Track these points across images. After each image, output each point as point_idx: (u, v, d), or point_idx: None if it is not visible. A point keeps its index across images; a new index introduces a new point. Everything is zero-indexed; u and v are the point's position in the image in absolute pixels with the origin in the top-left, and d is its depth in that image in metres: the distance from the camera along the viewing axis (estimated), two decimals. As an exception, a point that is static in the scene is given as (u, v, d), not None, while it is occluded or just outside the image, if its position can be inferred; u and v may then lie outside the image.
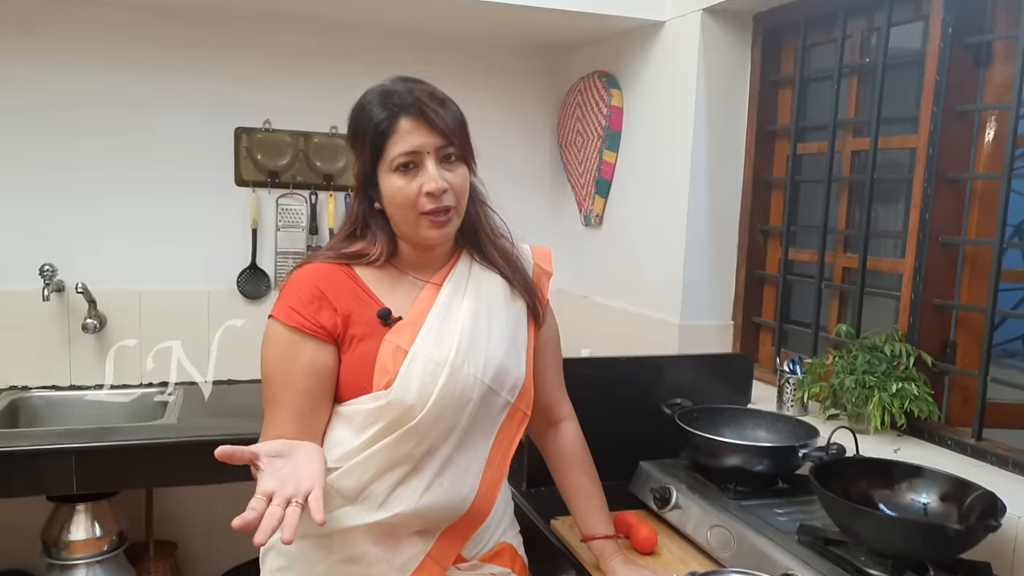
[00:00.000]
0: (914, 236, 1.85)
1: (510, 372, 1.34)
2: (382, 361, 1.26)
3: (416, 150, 1.24)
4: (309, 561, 1.30)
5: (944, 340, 1.86)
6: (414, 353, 1.26)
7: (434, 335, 1.29)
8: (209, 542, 2.75)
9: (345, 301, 1.28)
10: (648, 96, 2.52)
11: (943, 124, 1.79)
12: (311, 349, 1.25)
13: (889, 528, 1.27)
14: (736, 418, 1.82)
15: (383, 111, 1.25)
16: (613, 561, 1.42)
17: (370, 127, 1.26)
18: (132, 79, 2.57)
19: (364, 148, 1.27)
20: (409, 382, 1.24)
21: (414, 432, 1.25)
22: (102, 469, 2.09)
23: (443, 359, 1.27)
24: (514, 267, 1.41)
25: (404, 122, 1.23)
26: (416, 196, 1.25)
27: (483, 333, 1.32)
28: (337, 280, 1.29)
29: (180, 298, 2.68)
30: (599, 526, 1.46)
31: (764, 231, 2.38)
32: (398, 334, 1.28)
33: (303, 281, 1.28)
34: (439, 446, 1.28)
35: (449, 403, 1.27)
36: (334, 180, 2.77)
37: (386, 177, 1.26)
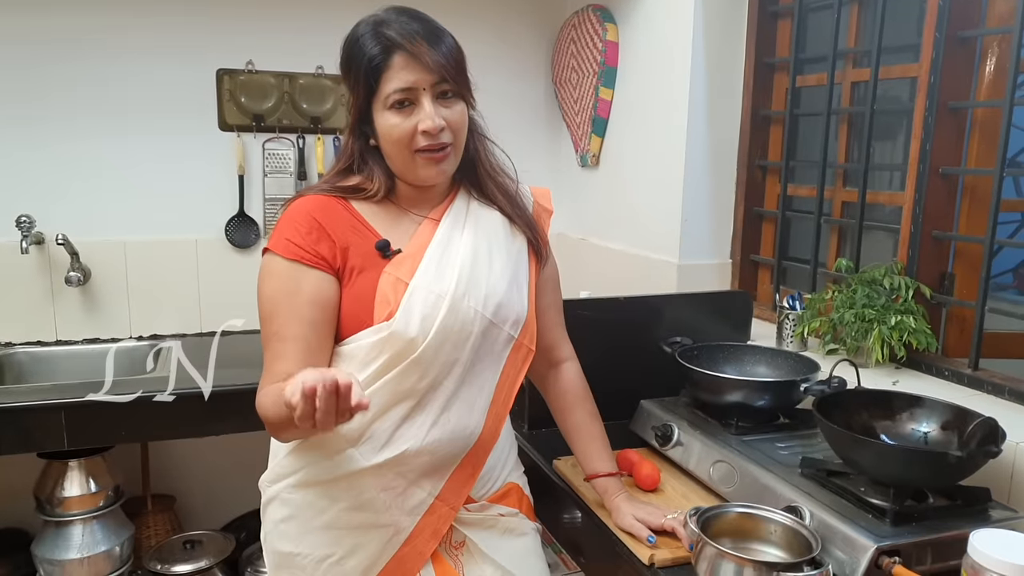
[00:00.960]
0: (914, 168, 1.82)
1: (512, 307, 1.32)
2: (382, 293, 1.24)
3: (411, 87, 1.20)
4: (314, 510, 1.28)
5: (942, 272, 1.85)
6: (415, 285, 1.24)
7: (434, 268, 1.27)
8: (208, 494, 2.76)
9: (343, 233, 1.25)
10: (644, 30, 2.45)
11: (945, 51, 1.74)
12: (314, 279, 1.22)
13: (891, 457, 1.27)
14: (736, 355, 1.81)
15: (376, 45, 1.20)
16: (617, 498, 1.42)
17: (363, 62, 1.21)
18: (106, 21, 2.47)
19: (358, 84, 1.23)
20: (410, 314, 1.22)
21: (416, 365, 1.23)
22: (94, 424, 2.06)
23: (443, 292, 1.25)
24: (514, 203, 1.38)
25: (398, 58, 1.19)
26: (412, 134, 1.22)
27: (483, 268, 1.30)
28: (334, 211, 1.26)
29: (167, 248, 2.63)
30: (602, 464, 1.45)
31: (763, 167, 2.34)
32: (398, 266, 1.26)
33: (299, 212, 1.25)
34: (443, 380, 1.26)
35: (450, 336, 1.25)
36: (322, 123, 2.70)
37: (381, 114, 1.23)
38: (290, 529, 1.30)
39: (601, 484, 1.45)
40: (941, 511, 1.25)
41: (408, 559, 1.29)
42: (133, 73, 2.52)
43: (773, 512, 1.26)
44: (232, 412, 2.15)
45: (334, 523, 1.28)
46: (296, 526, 1.30)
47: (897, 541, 1.17)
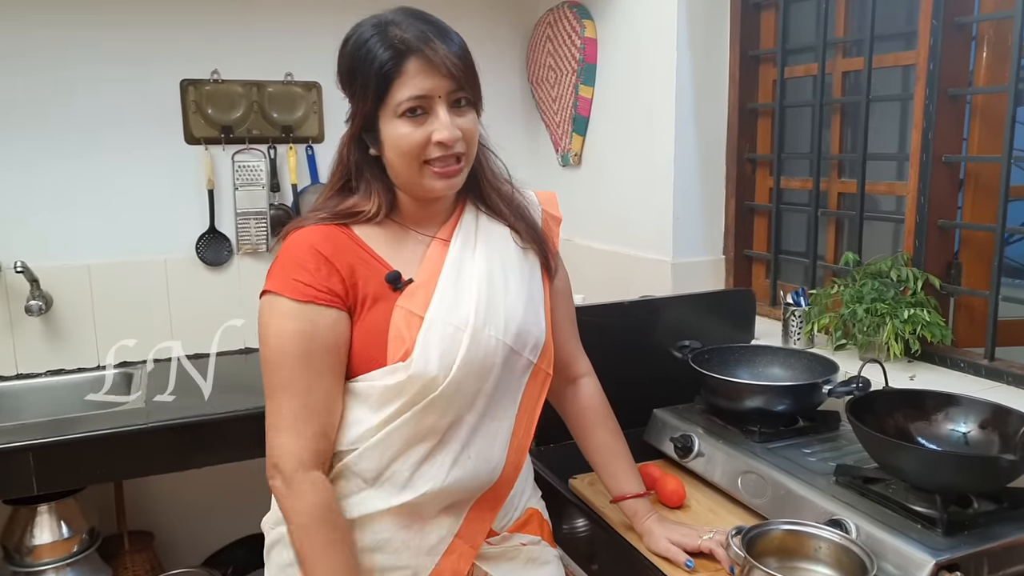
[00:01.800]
0: (916, 157, 1.79)
1: (531, 331, 1.23)
2: (396, 329, 1.14)
3: (426, 94, 1.10)
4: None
5: (948, 261, 1.83)
6: (431, 319, 1.14)
7: (450, 298, 1.17)
8: (188, 528, 2.62)
9: (349, 265, 1.14)
10: (623, 25, 2.38)
11: (943, 38, 1.71)
12: (330, 321, 1.12)
13: (938, 463, 1.22)
14: (747, 356, 1.75)
15: (386, 49, 1.10)
16: (648, 521, 1.35)
17: (372, 68, 1.10)
18: (60, 31, 2.32)
19: (365, 90, 1.12)
20: (428, 351, 1.12)
21: (437, 403, 1.14)
22: (65, 465, 1.91)
23: (462, 323, 1.15)
24: (520, 215, 1.29)
25: (412, 63, 1.09)
26: (424, 144, 1.12)
27: (500, 291, 1.20)
28: (338, 242, 1.15)
29: (134, 270, 2.48)
30: (629, 484, 1.38)
31: (752, 160, 2.29)
32: (410, 298, 1.16)
33: (302, 248, 1.14)
34: (464, 415, 1.17)
35: (472, 369, 1.15)
36: (293, 132, 2.58)
37: (390, 123, 1.12)
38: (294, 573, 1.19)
39: (630, 506, 1.37)
40: (990, 517, 1.20)
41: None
42: (91, 85, 2.37)
43: (819, 528, 1.20)
44: (208, 443, 2.03)
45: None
46: None
47: (955, 554, 1.11)
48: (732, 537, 1.19)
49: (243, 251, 2.58)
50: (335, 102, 2.61)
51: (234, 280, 2.59)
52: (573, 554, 1.59)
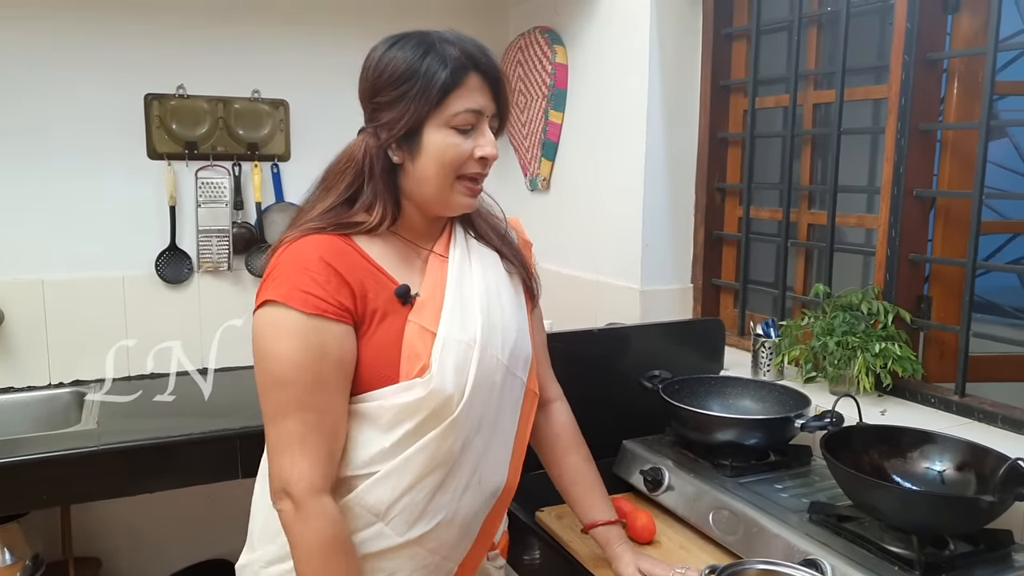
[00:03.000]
0: (887, 190, 1.79)
1: (523, 349, 1.22)
2: (410, 345, 1.10)
3: (480, 110, 1.11)
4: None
5: (918, 295, 1.83)
6: (444, 335, 1.10)
7: (459, 314, 1.14)
8: (135, 555, 2.51)
9: (359, 278, 1.09)
10: (595, 52, 2.38)
11: (915, 73, 1.72)
12: (339, 337, 1.07)
13: (916, 503, 1.20)
14: (717, 388, 1.74)
15: (450, 60, 1.09)
16: (619, 548, 1.31)
17: (432, 74, 1.08)
18: (21, 40, 2.26)
19: (420, 96, 1.08)
20: (445, 368, 1.09)
21: (454, 427, 1.10)
22: (10, 488, 1.81)
23: (471, 340, 1.12)
24: (506, 241, 1.28)
25: (473, 78, 1.10)
26: (467, 158, 1.11)
27: (497, 310, 1.18)
28: (345, 254, 1.10)
29: (91, 286, 2.41)
30: (601, 513, 1.34)
31: (721, 189, 2.29)
32: (419, 313, 1.12)
33: (309, 258, 1.07)
34: (473, 439, 1.13)
35: (482, 389, 1.12)
36: (259, 149, 2.53)
37: (437, 131, 1.10)
38: None
39: (602, 534, 1.33)
40: (966, 559, 1.19)
41: None
42: (53, 98, 2.31)
43: (795, 568, 1.17)
44: (158, 468, 1.94)
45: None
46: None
47: (933, 596, 1.09)
48: (706, 575, 1.15)
49: (204, 269, 2.51)
50: (302, 120, 2.57)
51: (194, 298, 2.52)
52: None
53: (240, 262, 2.54)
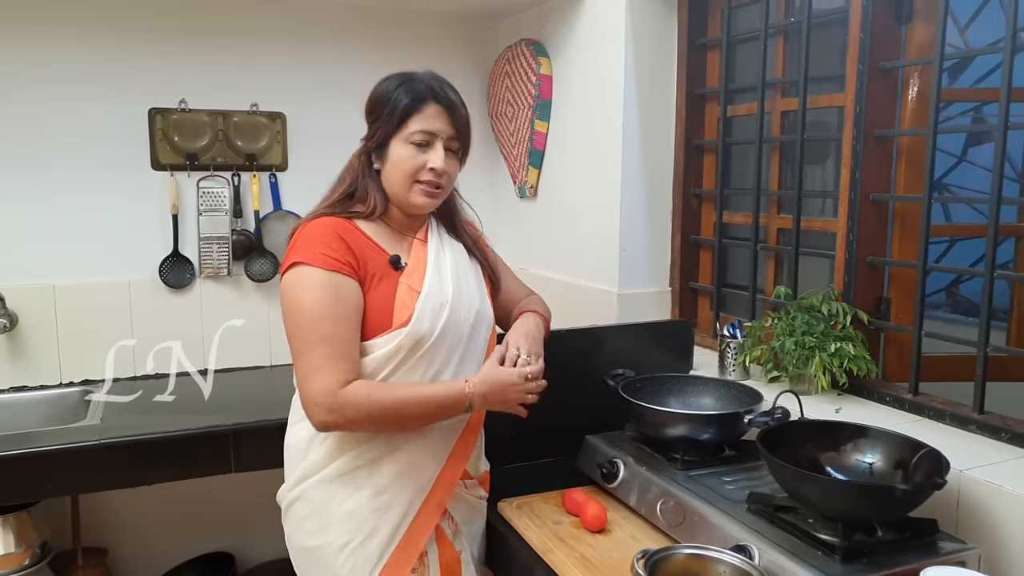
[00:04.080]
0: (845, 195, 1.85)
1: (485, 313, 1.57)
2: (401, 300, 1.45)
3: (434, 132, 1.45)
4: (337, 500, 1.45)
5: (878, 297, 1.88)
6: (426, 292, 1.47)
7: (437, 279, 1.50)
8: (142, 546, 2.64)
9: (360, 248, 1.45)
10: (576, 63, 2.46)
11: (869, 82, 1.79)
12: (352, 288, 1.42)
13: (837, 492, 1.27)
14: (680, 386, 1.81)
15: (415, 92, 1.44)
16: (523, 317, 1.64)
17: (400, 101, 1.44)
18: (34, 57, 2.39)
19: (391, 117, 1.45)
20: (423, 316, 1.44)
21: (424, 359, 1.45)
22: (18, 478, 1.95)
23: (445, 299, 1.48)
24: (477, 246, 1.66)
25: (431, 107, 1.45)
26: (420, 168, 1.45)
27: (463, 283, 1.55)
28: (349, 230, 1.46)
29: (98, 291, 2.52)
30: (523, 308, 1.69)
31: (698, 195, 2.36)
32: (409, 277, 1.48)
33: (324, 230, 1.44)
34: (443, 372, 1.48)
35: (449, 335, 1.47)
36: (257, 160, 2.64)
37: (399, 145, 1.45)
38: (313, 524, 1.47)
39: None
40: (890, 545, 1.25)
41: (418, 532, 1.47)
42: (62, 112, 2.44)
43: (723, 553, 1.24)
44: (164, 460, 2.08)
45: (357, 510, 1.44)
46: (318, 521, 1.46)
47: (847, 579, 1.16)
48: (637, 561, 1.23)
49: (205, 274, 2.62)
50: (298, 132, 2.69)
51: (196, 302, 2.63)
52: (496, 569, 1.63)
53: (240, 267, 2.66)
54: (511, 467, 1.83)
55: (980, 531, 1.32)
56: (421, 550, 1.46)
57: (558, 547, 1.45)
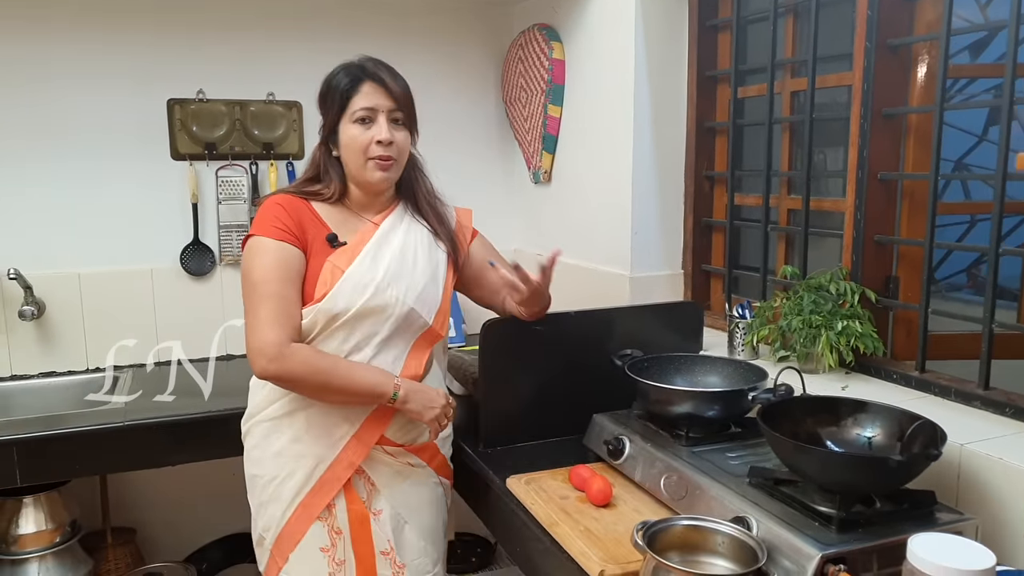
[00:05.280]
0: (853, 174, 1.85)
1: (428, 298, 1.69)
2: (323, 277, 1.60)
3: (373, 107, 1.60)
4: (268, 441, 1.68)
5: (887, 276, 1.88)
6: (348, 273, 1.61)
7: (369, 261, 1.63)
8: (169, 525, 2.72)
9: (304, 223, 1.62)
10: (588, 47, 2.48)
11: (876, 59, 1.78)
12: (296, 255, 1.59)
13: (834, 464, 1.28)
14: (687, 365, 1.82)
15: (351, 75, 1.61)
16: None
17: (339, 86, 1.61)
18: (54, 50, 2.45)
19: (333, 103, 1.62)
20: (337, 297, 1.59)
21: (340, 330, 1.60)
22: (48, 459, 2.03)
23: (371, 280, 1.62)
24: (441, 221, 1.77)
25: (367, 85, 1.60)
26: (368, 143, 1.60)
27: (408, 266, 1.67)
28: (297, 207, 1.64)
29: (122, 278, 2.59)
30: None
31: (710, 177, 2.37)
32: (339, 256, 1.62)
33: (273, 205, 1.63)
34: (364, 347, 1.63)
35: (372, 313, 1.61)
36: (274, 149, 2.69)
37: (346, 127, 1.61)
38: (255, 455, 1.71)
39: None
40: (888, 516, 1.26)
41: (328, 483, 1.65)
42: (84, 104, 2.50)
43: (720, 524, 1.27)
44: (191, 441, 2.15)
45: (282, 451, 1.66)
46: (258, 454, 1.70)
47: (842, 548, 1.17)
48: (636, 532, 1.25)
49: (225, 262, 2.68)
50: (314, 121, 2.70)
51: (216, 289, 2.69)
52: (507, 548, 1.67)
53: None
54: (522, 446, 1.87)
55: (979, 503, 1.33)
56: (328, 501, 1.64)
57: (563, 520, 1.48)
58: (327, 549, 1.67)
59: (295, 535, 1.66)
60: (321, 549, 1.66)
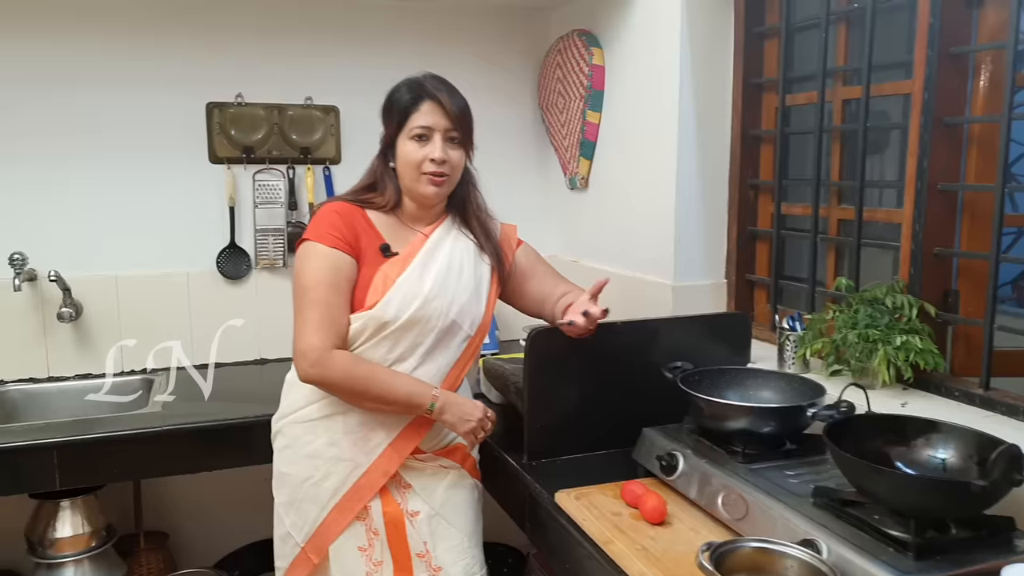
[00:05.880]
0: (911, 184, 1.80)
1: (470, 311, 1.73)
2: (375, 285, 1.65)
3: (431, 126, 1.65)
4: (302, 442, 1.71)
5: (945, 289, 1.83)
6: (399, 283, 1.65)
7: (418, 272, 1.68)
8: (201, 530, 2.71)
9: (358, 231, 1.67)
10: (630, 53, 2.44)
11: (938, 68, 1.73)
12: (348, 262, 1.65)
13: (910, 487, 1.23)
14: (738, 379, 1.78)
15: (412, 93, 1.66)
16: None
17: (400, 103, 1.67)
18: (94, 56, 2.45)
19: (392, 118, 1.68)
20: (389, 305, 1.64)
21: (387, 339, 1.65)
22: (86, 463, 2.02)
23: (420, 292, 1.66)
24: (487, 235, 1.81)
25: (426, 104, 1.65)
26: (422, 160, 1.65)
27: (454, 279, 1.71)
28: (353, 214, 1.69)
29: (159, 281, 2.59)
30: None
31: (754, 186, 2.32)
32: (392, 266, 1.68)
33: (330, 212, 1.68)
34: (408, 357, 1.67)
35: (417, 324, 1.65)
36: (311, 153, 2.67)
37: (403, 143, 1.67)
38: (287, 455, 1.74)
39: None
40: (964, 543, 1.21)
41: (364, 489, 1.69)
42: (124, 108, 2.50)
43: (790, 547, 1.22)
44: (227, 447, 2.14)
45: (316, 453, 1.69)
46: (291, 453, 1.73)
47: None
48: (701, 553, 1.21)
49: (261, 266, 2.67)
50: (352, 125, 2.71)
51: (252, 293, 2.68)
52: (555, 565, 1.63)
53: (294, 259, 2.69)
54: (567, 459, 1.84)
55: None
56: (366, 503, 1.69)
57: (617, 538, 1.44)
58: (364, 549, 1.71)
59: (331, 534, 1.70)
60: (359, 548, 1.70)
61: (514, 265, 1.86)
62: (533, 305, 1.87)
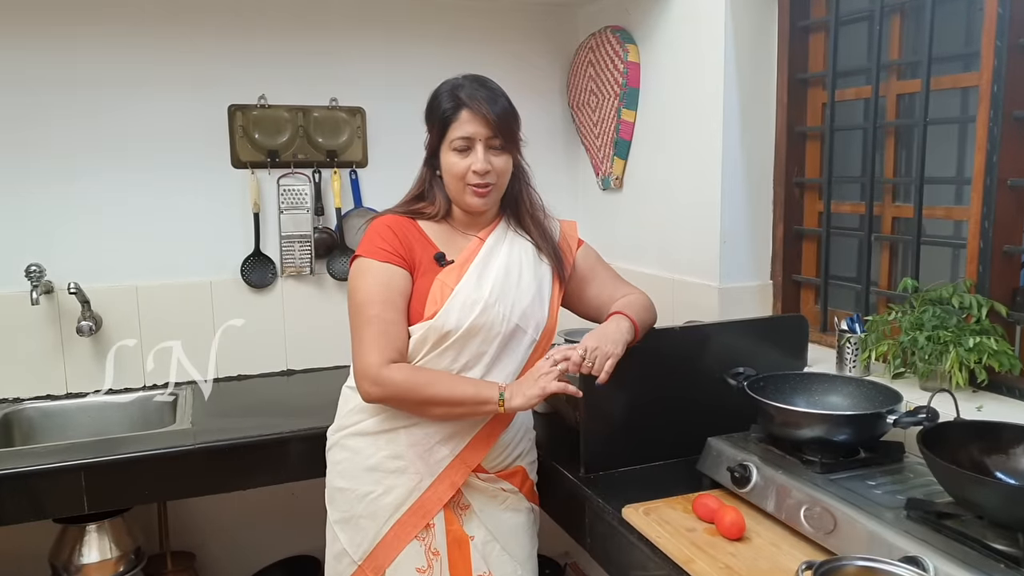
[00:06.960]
0: (979, 180, 1.74)
1: (534, 315, 1.66)
2: (433, 295, 1.59)
3: (470, 136, 1.58)
4: (362, 455, 1.65)
5: (1014, 288, 1.77)
6: (457, 291, 1.60)
7: (475, 278, 1.62)
8: (228, 550, 2.62)
9: (411, 243, 1.63)
10: (668, 49, 2.37)
11: (1008, 59, 1.67)
12: (401, 276, 1.60)
13: (1020, 500, 1.16)
14: (803, 384, 1.71)
15: (450, 102, 1.58)
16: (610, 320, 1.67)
17: (439, 113, 1.59)
18: (111, 59, 2.36)
19: (433, 128, 1.62)
20: (449, 313, 1.58)
21: (450, 350, 1.59)
22: (116, 485, 1.92)
23: (479, 298, 1.60)
24: (544, 235, 1.73)
25: (464, 113, 1.57)
26: (465, 172, 1.59)
27: (513, 282, 1.65)
28: (406, 227, 1.65)
29: (180, 292, 2.50)
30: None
31: (800, 184, 2.26)
32: (448, 274, 1.62)
33: (381, 226, 1.64)
34: (474, 366, 1.61)
35: (480, 331, 1.60)
36: (337, 156, 2.59)
37: (446, 153, 1.61)
38: (344, 469, 1.67)
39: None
40: (1077, 556, 1.14)
41: (428, 503, 1.62)
42: (141, 112, 2.41)
43: (896, 565, 1.15)
44: (255, 465, 2.05)
45: (377, 467, 1.63)
46: (348, 467, 1.66)
47: (1043, 595, 1.06)
48: (802, 572, 1.14)
49: (287, 273, 2.58)
50: (379, 127, 2.63)
51: (277, 302, 2.60)
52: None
53: (322, 266, 2.61)
54: (625, 471, 1.76)
55: None
56: (427, 521, 1.62)
57: (697, 556, 1.36)
58: (423, 570, 1.64)
59: (391, 552, 1.63)
60: (417, 570, 1.63)
61: (574, 268, 1.78)
62: (592, 311, 1.79)
